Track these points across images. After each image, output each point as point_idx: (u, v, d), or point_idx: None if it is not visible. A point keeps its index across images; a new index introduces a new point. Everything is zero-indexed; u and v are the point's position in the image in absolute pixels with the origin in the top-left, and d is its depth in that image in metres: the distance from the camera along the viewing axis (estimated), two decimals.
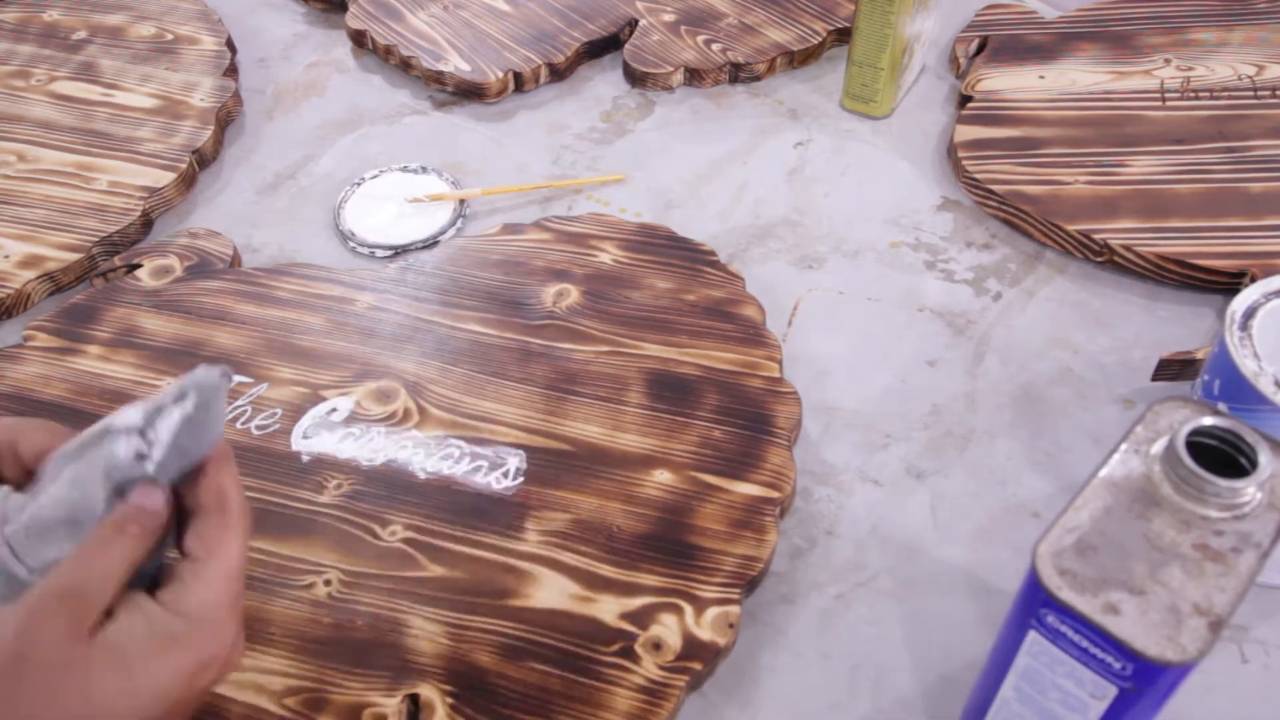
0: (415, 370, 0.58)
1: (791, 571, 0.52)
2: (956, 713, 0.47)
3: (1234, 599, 0.32)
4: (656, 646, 0.47)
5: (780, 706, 0.47)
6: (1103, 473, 0.35)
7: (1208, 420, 0.34)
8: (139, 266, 0.64)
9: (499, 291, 0.62)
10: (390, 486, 0.53)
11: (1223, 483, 0.33)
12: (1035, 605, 0.33)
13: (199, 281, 0.63)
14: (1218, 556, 0.33)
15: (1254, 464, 0.34)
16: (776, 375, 0.57)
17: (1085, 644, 0.32)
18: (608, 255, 0.63)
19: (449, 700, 0.46)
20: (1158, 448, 0.35)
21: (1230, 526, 0.33)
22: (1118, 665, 0.32)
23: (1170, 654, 0.31)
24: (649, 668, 0.46)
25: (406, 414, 0.56)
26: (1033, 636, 0.34)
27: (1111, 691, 0.33)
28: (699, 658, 0.47)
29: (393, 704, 0.46)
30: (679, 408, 0.56)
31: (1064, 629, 0.33)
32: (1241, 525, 0.33)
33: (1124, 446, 0.35)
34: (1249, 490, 0.33)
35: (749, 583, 0.49)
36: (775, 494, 0.52)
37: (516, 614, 0.48)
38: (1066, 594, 0.32)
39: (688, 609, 0.48)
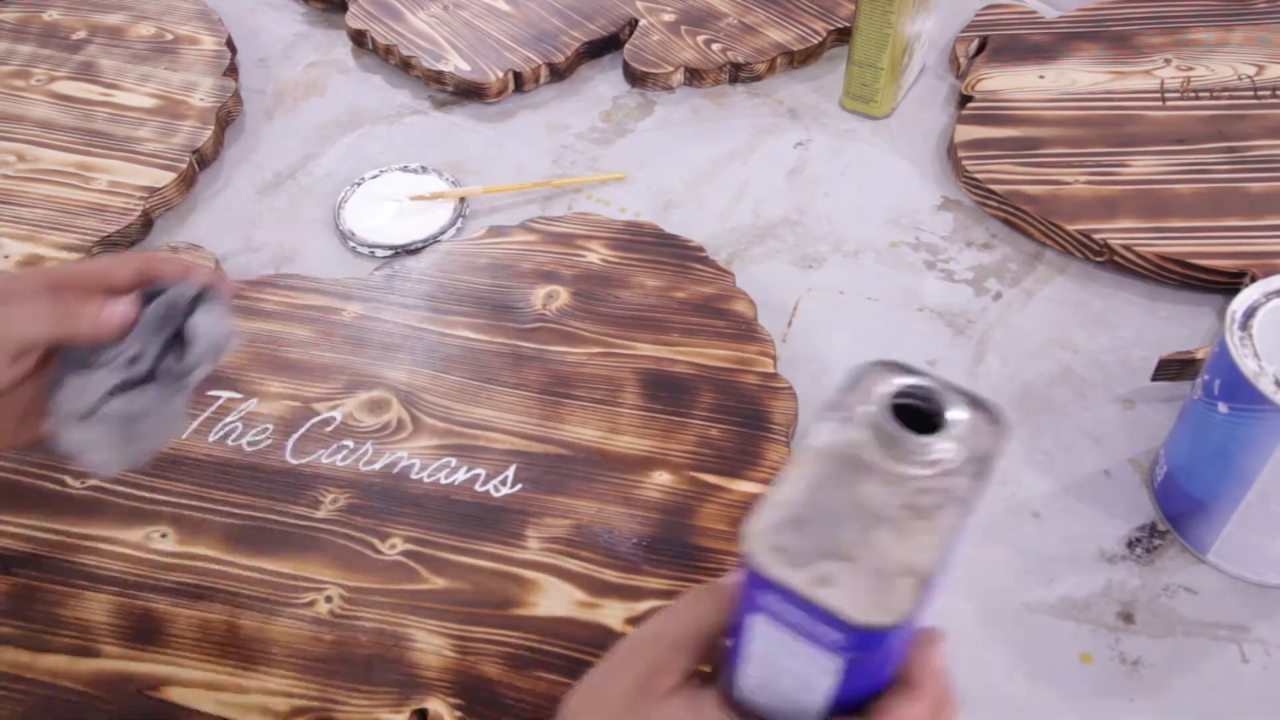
0: (407, 379, 0.57)
1: None
2: (961, 711, 0.46)
3: (937, 555, 0.31)
4: None
5: None
6: (812, 442, 0.34)
7: (907, 380, 0.34)
8: None
9: (488, 296, 0.61)
10: (387, 499, 0.53)
11: (918, 439, 0.33)
12: (754, 588, 0.32)
13: None
14: (922, 514, 0.32)
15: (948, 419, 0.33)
16: (771, 370, 0.57)
17: (803, 620, 0.31)
18: (595, 255, 0.63)
19: (458, 714, 0.45)
20: (863, 412, 0.34)
21: (935, 483, 0.33)
22: (836, 636, 0.31)
23: (878, 617, 0.30)
24: None
25: (400, 424, 0.56)
26: (759, 621, 0.33)
27: (837, 663, 0.32)
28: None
29: None
30: (675, 407, 0.55)
31: (783, 608, 0.32)
32: (945, 481, 0.33)
33: (832, 415, 0.34)
34: (940, 445, 0.33)
35: None
36: None
37: (521, 623, 0.48)
38: (778, 570, 0.31)
39: None
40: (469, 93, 0.76)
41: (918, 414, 0.34)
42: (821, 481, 0.33)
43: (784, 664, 0.34)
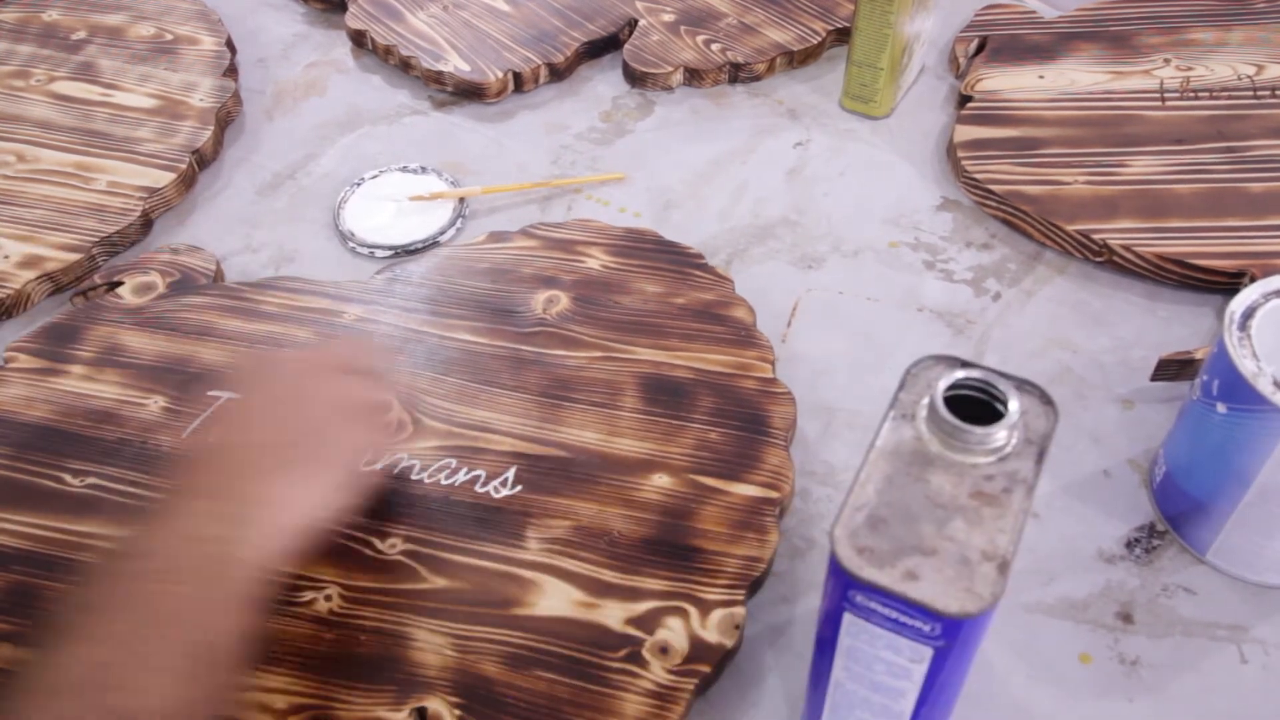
0: (407, 381, 0.57)
1: (791, 572, 0.52)
2: (960, 711, 0.47)
3: (1014, 537, 0.33)
4: (664, 650, 0.47)
5: (781, 706, 0.48)
6: (878, 444, 0.36)
7: (959, 374, 0.36)
8: (120, 284, 0.63)
9: (488, 300, 0.61)
10: (388, 499, 0.53)
11: (979, 430, 0.35)
12: (843, 588, 0.34)
13: (182, 298, 0.62)
14: (992, 500, 0.34)
15: (1006, 407, 0.35)
16: (770, 376, 0.57)
17: (894, 614, 0.33)
18: (595, 261, 0.63)
19: (457, 713, 0.45)
20: (922, 409, 0.36)
21: (998, 469, 0.35)
22: (927, 628, 0.33)
23: (969, 605, 0.32)
24: (657, 672, 0.46)
25: (400, 425, 0.56)
26: (848, 618, 0.35)
27: (928, 653, 0.34)
28: (706, 660, 0.47)
29: (400, 718, 0.45)
30: (674, 411, 0.55)
31: (873, 605, 0.34)
32: (1007, 465, 0.35)
33: (892, 414, 0.36)
34: (1001, 433, 0.35)
35: (752, 583, 0.49)
36: (774, 494, 0.52)
37: (521, 623, 0.48)
38: (868, 572, 0.33)
39: (693, 612, 0.48)
40: (468, 93, 0.76)
41: (973, 403, 0.36)
42: (893, 480, 0.35)
43: (875, 656, 0.36)
